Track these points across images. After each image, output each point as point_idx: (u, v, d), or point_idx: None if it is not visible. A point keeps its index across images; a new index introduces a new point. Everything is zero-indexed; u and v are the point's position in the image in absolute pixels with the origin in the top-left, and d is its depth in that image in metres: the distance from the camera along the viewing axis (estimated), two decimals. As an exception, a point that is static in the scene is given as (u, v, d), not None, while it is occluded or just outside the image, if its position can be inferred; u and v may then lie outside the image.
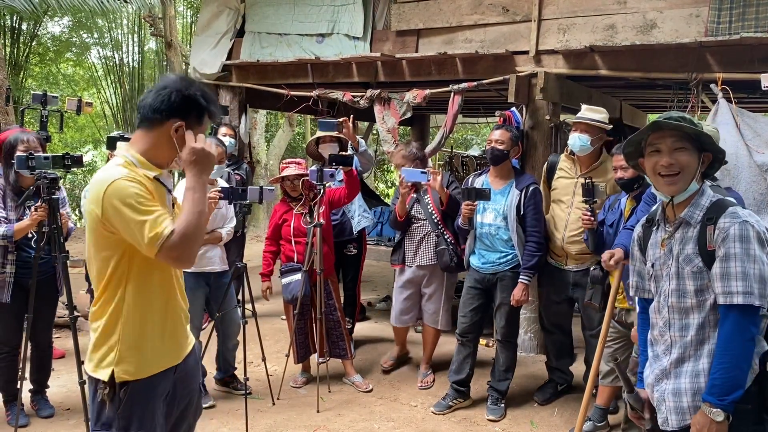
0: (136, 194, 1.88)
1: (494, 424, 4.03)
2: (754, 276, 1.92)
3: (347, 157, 4.26)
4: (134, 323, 2.01)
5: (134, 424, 2.01)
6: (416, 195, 4.48)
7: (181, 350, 2.18)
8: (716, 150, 2.08)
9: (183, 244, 1.88)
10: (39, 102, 4.55)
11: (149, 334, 2.04)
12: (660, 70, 4.49)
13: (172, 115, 1.99)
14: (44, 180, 3.34)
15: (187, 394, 2.23)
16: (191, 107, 2.02)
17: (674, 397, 2.08)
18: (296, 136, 16.04)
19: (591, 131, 3.91)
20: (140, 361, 2.02)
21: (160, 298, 2.06)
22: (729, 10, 4.13)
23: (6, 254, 3.68)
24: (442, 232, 4.41)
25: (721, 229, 1.98)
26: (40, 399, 4.02)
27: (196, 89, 2.04)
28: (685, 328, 2.07)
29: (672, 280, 2.10)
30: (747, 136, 3.86)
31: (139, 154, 2.01)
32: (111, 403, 2.00)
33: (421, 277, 4.55)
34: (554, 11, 4.84)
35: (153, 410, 2.05)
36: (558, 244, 4.02)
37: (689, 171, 2.04)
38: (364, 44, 5.64)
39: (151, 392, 2.05)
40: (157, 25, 12.91)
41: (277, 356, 4.88)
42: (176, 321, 2.14)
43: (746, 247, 1.94)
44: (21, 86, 12.77)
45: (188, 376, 2.22)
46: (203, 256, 4.11)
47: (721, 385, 1.93)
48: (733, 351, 1.93)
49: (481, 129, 15.86)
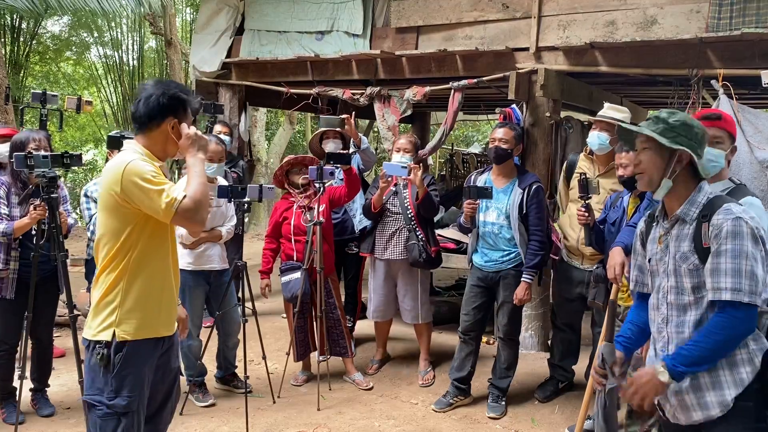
0: (150, 170, 2.19)
1: (495, 422, 4.03)
2: (745, 273, 1.92)
3: (345, 156, 4.25)
4: (135, 289, 2.26)
5: (125, 387, 2.23)
6: (395, 188, 4.49)
7: (173, 324, 2.45)
8: (692, 146, 2.04)
9: (195, 205, 2.19)
10: (39, 101, 4.55)
11: (148, 301, 2.29)
12: (660, 66, 4.47)
13: (166, 115, 2.30)
14: (43, 179, 3.34)
15: (171, 371, 2.46)
16: (178, 104, 2.31)
17: (676, 395, 2.07)
18: (297, 134, 16.03)
19: (611, 130, 3.88)
20: (139, 324, 2.27)
21: (160, 271, 2.33)
22: (730, 6, 4.11)
23: (9, 251, 3.69)
24: (414, 228, 4.42)
25: (714, 225, 1.98)
26: (40, 398, 4.02)
27: (175, 87, 2.34)
28: (681, 324, 2.08)
29: (670, 277, 2.10)
30: (748, 132, 3.84)
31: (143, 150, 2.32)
32: (105, 368, 2.23)
33: (396, 272, 4.58)
34: (554, 7, 4.83)
35: (143, 376, 2.29)
36: (573, 243, 4.00)
37: (651, 169, 2.08)
38: (364, 41, 5.63)
39: (143, 356, 2.29)
40: (157, 23, 12.90)
41: (278, 354, 4.87)
42: (171, 296, 2.40)
43: (738, 243, 1.93)
44: (21, 85, 12.76)
45: (173, 353, 2.47)
46: (203, 254, 4.10)
47: (686, 356, 1.97)
48: (713, 339, 1.95)
49: (481, 126, 15.85)
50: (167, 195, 2.16)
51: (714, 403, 1.99)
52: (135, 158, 2.21)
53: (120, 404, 2.22)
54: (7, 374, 3.87)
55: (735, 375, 1.98)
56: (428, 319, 4.68)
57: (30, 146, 3.60)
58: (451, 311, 5.70)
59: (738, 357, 1.98)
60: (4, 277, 3.68)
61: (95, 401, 2.24)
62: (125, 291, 2.25)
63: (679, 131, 2.04)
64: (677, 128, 2.04)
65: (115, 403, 2.22)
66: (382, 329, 4.89)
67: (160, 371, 2.39)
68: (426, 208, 4.40)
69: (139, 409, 2.28)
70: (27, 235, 3.71)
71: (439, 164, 12.93)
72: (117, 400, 2.22)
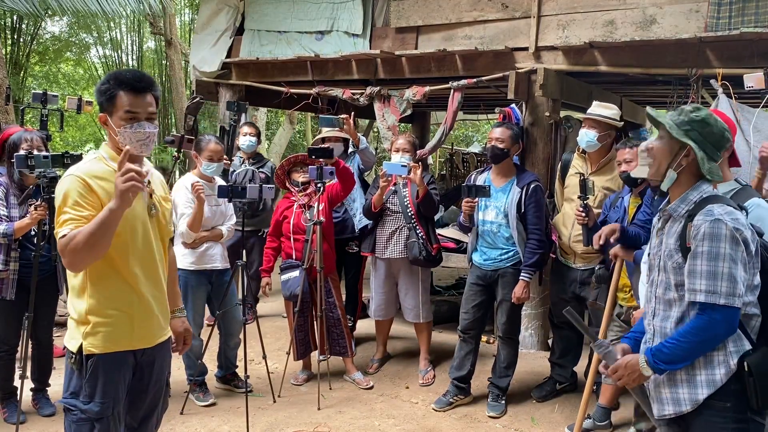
0: (75, 192, 2.09)
1: (495, 421, 4.04)
2: (722, 275, 1.93)
3: (327, 150, 4.20)
4: (100, 303, 2.18)
5: (98, 394, 2.19)
6: (395, 187, 4.50)
7: (152, 336, 2.33)
8: (701, 143, 2.04)
9: (66, 247, 2.04)
10: (39, 101, 4.56)
11: (116, 315, 2.20)
12: (660, 65, 4.48)
13: (100, 112, 2.21)
14: (44, 179, 3.34)
15: (157, 382, 2.39)
16: (101, 98, 2.18)
17: (655, 388, 2.14)
18: (297, 133, 16.03)
19: (599, 127, 3.90)
20: (106, 337, 2.19)
21: (128, 284, 2.22)
22: (729, 5, 4.12)
23: (9, 251, 3.69)
24: (414, 226, 4.43)
25: (695, 226, 1.99)
26: (41, 398, 4.03)
27: (104, 80, 2.20)
28: (666, 319, 2.11)
29: (660, 271, 2.13)
30: (747, 131, 3.85)
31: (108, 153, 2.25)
32: (79, 373, 2.20)
33: (396, 271, 4.59)
34: (553, 7, 4.84)
35: (117, 384, 2.23)
36: (565, 241, 4.01)
37: (660, 157, 2.11)
38: (364, 41, 5.64)
39: (116, 367, 2.22)
40: (157, 23, 12.91)
41: (278, 354, 4.88)
42: (146, 308, 2.27)
43: (715, 245, 1.94)
44: (21, 85, 12.77)
45: (158, 364, 2.38)
46: (204, 254, 4.12)
47: (666, 354, 2.03)
48: (693, 338, 1.98)
49: (481, 126, 15.85)
50: (61, 224, 2.07)
51: (686, 399, 2.04)
52: (74, 172, 2.13)
53: (93, 410, 2.18)
54: (8, 374, 3.88)
55: (709, 375, 2.00)
56: (429, 318, 4.69)
57: (23, 147, 3.60)
58: (450, 310, 5.71)
59: (715, 358, 2.00)
60: (4, 277, 3.68)
61: (70, 405, 2.21)
62: (89, 305, 2.17)
63: (693, 126, 2.04)
64: (693, 123, 2.05)
65: (89, 408, 2.18)
66: (383, 328, 4.90)
67: (144, 381, 2.33)
68: (426, 206, 4.42)
69: (115, 415, 2.23)
70: (27, 236, 3.71)
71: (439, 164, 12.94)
72: (90, 406, 2.18)
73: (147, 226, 2.27)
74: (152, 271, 2.29)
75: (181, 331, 2.55)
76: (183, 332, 2.57)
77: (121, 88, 2.14)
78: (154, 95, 2.22)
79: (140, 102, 2.16)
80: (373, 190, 4.58)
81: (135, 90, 2.15)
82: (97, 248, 2.05)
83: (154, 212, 2.31)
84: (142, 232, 2.24)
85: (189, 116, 6.45)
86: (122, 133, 2.14)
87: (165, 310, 2.40)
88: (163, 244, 2.40)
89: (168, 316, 2.44)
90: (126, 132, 2.14)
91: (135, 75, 2.20)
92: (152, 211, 2.30)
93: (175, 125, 13.81)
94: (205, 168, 4.14)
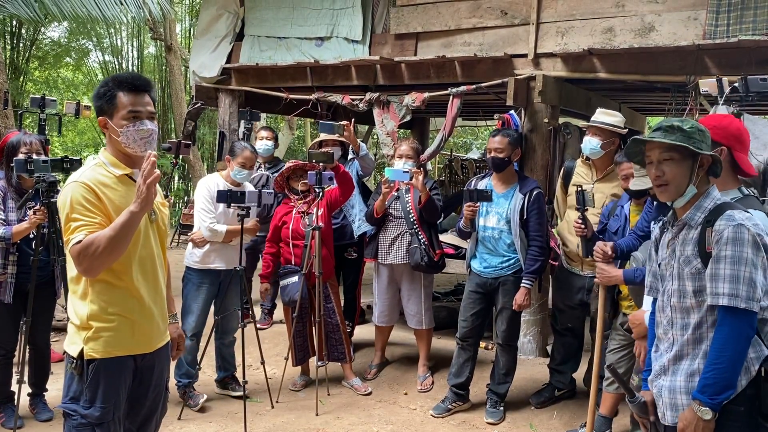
0: (81, 198, 2.09)
1: (493, 427, 4.03)
2: (744, 279, 1.94)
3: (327, 154, 4.19)
4: (102, 308, 2.18)
5: (99, 398, 2.18)
6: (397, 193, 4.50)
7: (153, 341, 2.33)
8: (707, 148, 2.07)
9: (79, 253, 2.05)
10: (37, 105, 4.56)
11: (118, 320, 2.20)
12: (658, 72, 4.49)
13: (98, 116, 2.22)
14: (43, 183, 3.34)
15: (156, 387, 2.39)
16: (99, 101, 2.19)
17: (669, 393, 2.11)
18: (296, 139, 16.05)
19: (602, 135, 3.90)
20: (108, 342, 2.19)
21: (129, 289, 2.22)
22: (727, 13, 4.14)
23: (7, 255, 3.68)
24: (416, 232, 4.43)
25: (716, 231, 2.00)
26: (38, 402, 4.02)
27: (102, 84, 2.22)
28: (686, 327, 2.10)
29: (674, 280, 2.13)
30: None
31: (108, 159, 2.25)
32: (80, 378, 2.19)
33: (399, 276, 4.59)
34: (552, 14, 4.86)
35: (117, 388, 2.23)
36: (573, 249, 4.00)
37: (677, 180, 2.07)
38: (363, 47, 5.65)
39: (117, 371, 2.22)
40: (157, 28, 12.94)
41: (276, 359, 4.87)
42: (147, 313, 2.28)
43: (738, 250, 1.95)
44: (21, 90, 12.79)
45: (158, 369, 2.38)
46: (210, 253, 4.12)
47: (713, 385, 1.96)
48: (727, 352, 1.95)
49: (480, 132, 15.88)
50: (73, 230, 2.07)
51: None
52: (79, 179, 2.13)
53: (94, 414, 2.17)
54: (5, 379, 3.86)
55: None
56: (431, 325, 4.67)
57: (21, 150, 3.60)
58: (450, 316, 5.70)
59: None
60: (1, 281, 3.67)
61: (70, 410, 2.20)
62: (90, 311, 2.17)
63: (697, 137, 2.05)
64: (694, 135, 2.05)
65: (90, 413, 2.17)
66: (384, 334, 4.90)
67: (143, 386, 2.33)
68: (429, 211, 4.41)
69: (116, 420, 2.23)
70: (25, 240, 3.70)
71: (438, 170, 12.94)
72: (91, 410, 2.18)
73: (148, 231, 2.27)
74: (152, 276, 2.30)
75: (174, 337, 2.56)
76: (176, 338, 2.58)
77: (121, 88, 2.17)
78: (152, 96, 2.24)
79: (140, 101, 2.19)
80: (376, 196, 4.59)
81: (134, 89, 2.18)
82: (116, 252, 2.08)
83: (154, 218, 2.32)
84: (143, 237, 2.25)
85: (189, 121, 6.46)
86: (125, 132, 2.16)
87: (164, 315, 2.41)
88: (163, 249, 2.42)
89: (167, 321, 2.45)
90: (129, 131, 2.16)
91: (133, 75, 2.24)
92: (152, 217, 2.31)
93: (174, 130, 13.83)
94: (235, 173, 4.18)
